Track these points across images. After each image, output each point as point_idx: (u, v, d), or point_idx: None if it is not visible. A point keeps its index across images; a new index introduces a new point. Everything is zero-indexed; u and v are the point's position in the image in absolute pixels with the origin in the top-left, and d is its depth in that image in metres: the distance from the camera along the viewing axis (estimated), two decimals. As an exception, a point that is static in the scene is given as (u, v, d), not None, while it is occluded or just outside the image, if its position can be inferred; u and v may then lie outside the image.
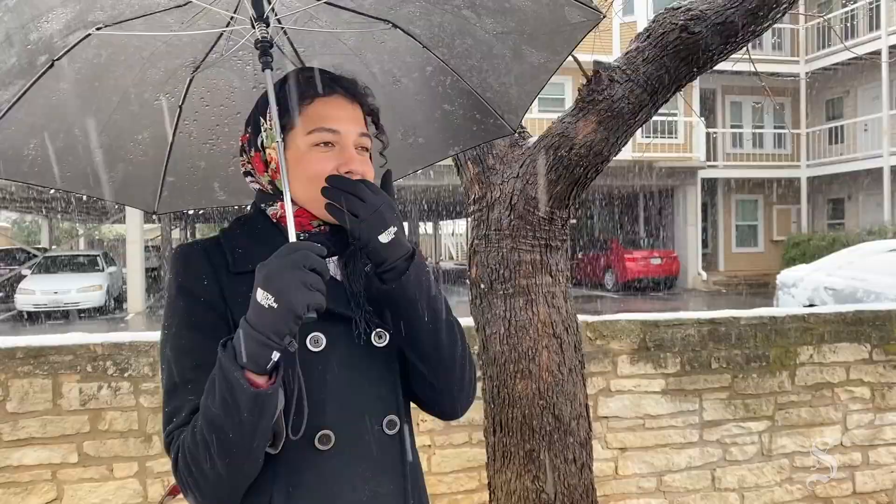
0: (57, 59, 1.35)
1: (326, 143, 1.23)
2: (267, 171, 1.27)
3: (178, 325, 1.18)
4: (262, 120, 1.28)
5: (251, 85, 1.52)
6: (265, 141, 1.26)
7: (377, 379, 1.24)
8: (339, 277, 1.28)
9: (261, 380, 1.04)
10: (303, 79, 1.28)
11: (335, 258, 1.29)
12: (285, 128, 1.25)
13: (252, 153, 1.29)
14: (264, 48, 1.29)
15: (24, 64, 1.34)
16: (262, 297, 1.02)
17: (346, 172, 1.21)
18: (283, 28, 1.44)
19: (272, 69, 1.29)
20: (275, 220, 1.28)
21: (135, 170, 1.61)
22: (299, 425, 1.12)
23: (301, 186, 1.23)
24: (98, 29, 1.34)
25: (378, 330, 1.24)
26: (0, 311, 18.56)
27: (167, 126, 1.56)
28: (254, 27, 1.29)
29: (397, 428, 1.25)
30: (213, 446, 1.06)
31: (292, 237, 1.15)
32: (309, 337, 1.18)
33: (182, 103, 1.53)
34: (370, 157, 1.31)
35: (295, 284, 1.02)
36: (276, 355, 1.03)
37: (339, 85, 1.27)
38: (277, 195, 1.27)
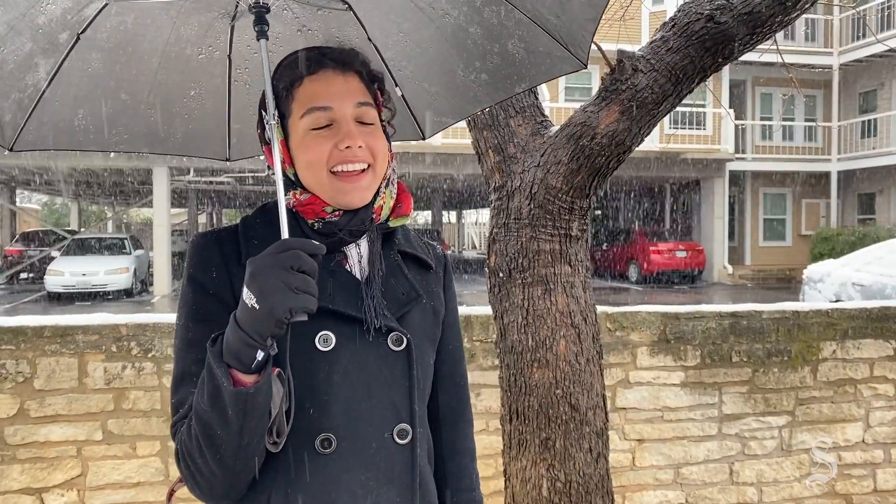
0: (81, 33, 1.34)
1: (320, 123, 1.18)
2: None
3: (187, 316, 1.16)
4: (263, 114, 1.24)
5: (295, 28, 1.48)
6: (269, 133, 1.20)
7: (390, 384, 1.18)
8: (356, 270, 1.23)
9: (248, 378, 1.01)
10: (290, 62, 1.22)
11: (353, 246, 1.24)
12: (285, 116, 1.20)
13: (262, 147, 1.25)
14: (259, 14, 1.21)
15: (43, 46, 1.34)
16: (247, 295, 0.99)
17: (346, 148, 1.16)
18: None
19: (267, 38, 1.21)
20: (294, 209, 1.22)
21: (196, 123, 1.60)
22: (282, 430, 1.08)
23: (305, 173, 1.19)
24: None
25: (395, 333, 1.19)
26: (30, 291, 18.91)
27: (219, 77, 1.54)
28: None
29: (409, 437, 1.19)
30: (204, 442, 1.04)
31: (285, 233, 1.10)
32: (318, 335, 1.14)
33: (230, 53, 1.50)
34: (385, 126, 1.26)
35: (278, 286, 0.97)
36: (260, 355, 1.00)
37: (328, 58, 1.20)
38: (294, 184, 1.22)
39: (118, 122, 1.53)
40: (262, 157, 1.32)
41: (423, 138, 1.65)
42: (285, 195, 1.18)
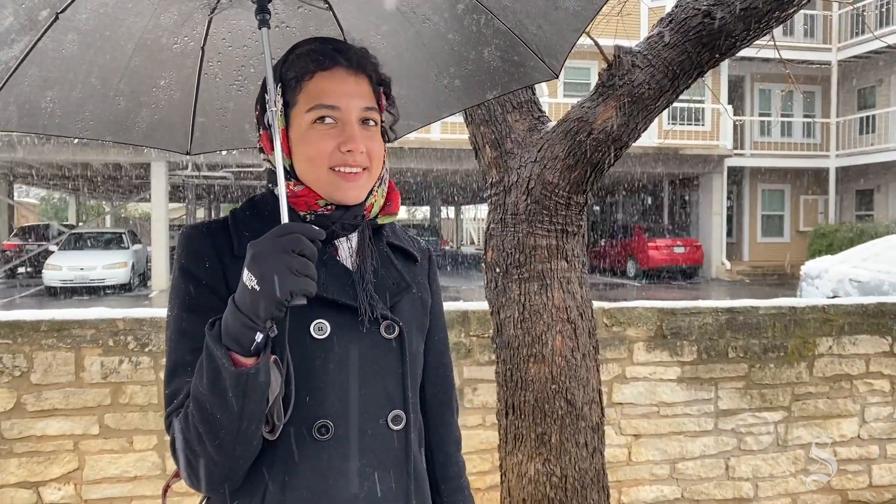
0: (61, 12, 1.32)
1: (324, 119, 1.18)
2: (273, 150, 1.21)
3: (179, 307, 1.16)
4: (266, 98, 1.22)
5: (273, 24, 1.47)
6: (270, 119, 1.20)
7: (384, 371, 1.21)
8: (347, 262, 1.24)
9: (247, 360, 1.02)
10: (303, 52, 1.22)
11: (343, 239, 1.25)
12: (289, 105, 1.20)
13: (260, 131, 1.25)
14: (261, 3, 1.22)
15: (23, 21, 1.32)
16: (247, 277, 1.00)
17: (347, 151, 1.17)
18: None
19: (269, 27, 1.22)
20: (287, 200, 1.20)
21: (161, 114, 1.60)
22: (283, 413, 1.09)
23: (304, 166, 1.20)
24: None
25: (387, 321, 1.21)
26: (28, 286, 18.90)
27: (190, 68, 1.52)
28: None
29: (403, 423, 1.21)
30: (203, 427, 1.04)
31: (285, 218, 1.12)
32: (313, 324, 1.16)
33: (204, 45, 1.49)
34: (384, 130, 1.27)
35: (279, 269, 0.98)
36: (259, 336, 1.01)
37: (343, 56, 1.21)
38: (288, 174, 1.21)
39: (86, 108, 1.51)
40: (234, 153, 1.31)
41: (388, 141, 1.67)
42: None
